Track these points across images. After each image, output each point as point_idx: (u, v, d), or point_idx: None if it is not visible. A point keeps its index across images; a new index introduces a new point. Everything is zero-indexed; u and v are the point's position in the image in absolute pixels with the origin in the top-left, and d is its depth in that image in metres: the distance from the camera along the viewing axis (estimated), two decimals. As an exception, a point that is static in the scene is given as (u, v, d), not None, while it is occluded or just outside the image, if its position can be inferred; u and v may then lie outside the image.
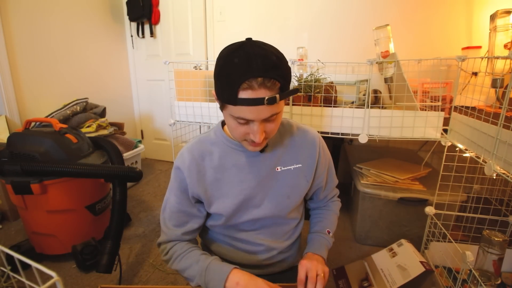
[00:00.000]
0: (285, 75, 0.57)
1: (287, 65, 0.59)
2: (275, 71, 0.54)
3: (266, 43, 0.60)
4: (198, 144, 0.73)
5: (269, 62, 0.54)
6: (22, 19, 1.83)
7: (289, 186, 0.73)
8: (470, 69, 1.01)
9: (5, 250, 0.53)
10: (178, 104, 1.50)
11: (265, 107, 0.56)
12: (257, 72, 0.53)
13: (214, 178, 0.70)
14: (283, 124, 0.77)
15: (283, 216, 0.75)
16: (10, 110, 1.79)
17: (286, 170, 0.73)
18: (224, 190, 0.71)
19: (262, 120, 0.59)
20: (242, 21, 2.21)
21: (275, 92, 0.56)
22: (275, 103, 0.55)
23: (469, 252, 0.81)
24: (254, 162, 0.71)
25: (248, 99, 0.54)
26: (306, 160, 0.75)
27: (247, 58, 0.54)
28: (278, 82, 0.55)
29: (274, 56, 0.56)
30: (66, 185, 1.28)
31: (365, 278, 1.18)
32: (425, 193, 1.35)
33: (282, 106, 0.61)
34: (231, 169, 0.71)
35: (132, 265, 1.36)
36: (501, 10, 1.11)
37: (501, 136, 0.79)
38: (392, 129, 1.19)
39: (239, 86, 0.54)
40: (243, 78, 0.53)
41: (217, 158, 0.71)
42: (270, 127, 0.62)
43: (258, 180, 0.71)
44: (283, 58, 0.58)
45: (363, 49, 1.91)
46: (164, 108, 2.70)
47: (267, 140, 0.66)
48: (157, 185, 2.29)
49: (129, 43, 2.67)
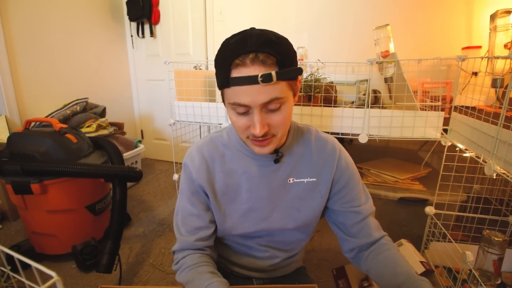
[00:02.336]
0: (285, 51, 0.50)
1: (290, 46, 0.52)
2: (271, 46, 0.48)
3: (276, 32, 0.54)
4: (209, 144, 0.67)
5: (265, 38, 0.49)
6: (22, 19, 1.83)
7: (300, 199, 0.67)
8: (470, 69, 1.01)
9: (5, 250, 0.53)
10: (178, 104, 1.50)
11: (260, 87, 0.49)
12: (250, 47, 0.48)
13: (223, 182, 0.66)
14: (302, 131, 0.69)
15: (291, 229, 0.69)
16: (10, 110, 1.79)
17: (298, 182, 0.66)
18: (231, 196, 0.66)
19: (262, 108, 0.52)
20: (242, 21, 2.21)
21: (271, 69, 0.49)
22: (271, 82, 0.48)
23: (469, 252, 0.81)
24: (266, 172, 0.65)
25: (241, 78, 0.49)
26: (321, 174, 0.66)
27: (243, 37, 0.50)
28: (274, 57, 0.49)
29: (272, 35, 0.50)
30: (66, 185, 1.28)
31: (365, 278, 1.18)
32: (425, 193, 1.35)
33: (285, 92, 0.52)
34: (241, 176, 0.66)
35: (132, 265, 1.36)
36: (501, 10, 1.11)
37: (501, 136, 0.79)
38: (392, 129, 1.19)
39: (231, 64, 0.49)
40: (236, 54, 0.49)
41: (228, 162, 0.66)
42: (274, 119, 0.54)
43: (268, 192, 0.66)
44: (285, 39, 0.52)
45: (363, 49, 1.91)
46: (164, 108, 2.70)
47: (274, 139, 0.57)
48: (157, 185, 2.29)
49: (129, 43, 2.67)
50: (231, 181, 0.66)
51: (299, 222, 0.68)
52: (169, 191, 2.19)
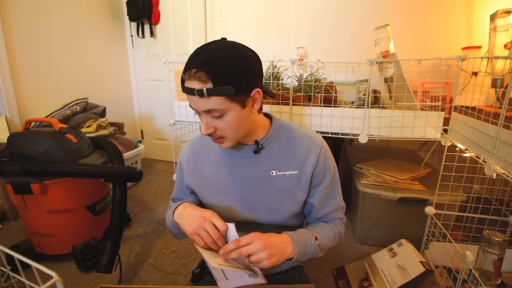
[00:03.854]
0: (221, 72, 0.56)
1: (234, 65, 0.57)
2: (211, 66, 0.56)
3: (237, 43, 0.61)
4: (199, 137, 0.79)
5: (210, 56, 0.56)
6: (22, 19, 1.83)
7: (283, 191, 0.71)
8: (470, 69, 1.01)
9: (5, 250, 0.53)
10: (178, 104, 1.50)
11: (198, 98, 0.58)
12: (195, 63, 0.57)
13: (209, 172, 0.74)
14: (284, 127, 0.74)
15: (281, 222, 0.74)
16: (10, 110, 1.79)
17: (281, 175, 0.71)
18: (217, 186, 0.74)
19: (207, 114, 0.61)
20: (242, 21, 2.21)
21: (206, 86, 0.57)
22: (203, 97, 0.57)
23: (469, 252, 0.81)
24: (248, 162, 0.72)
25: (186, 88, 0.59)
26: (303, 167, 0.71)
27: (198, 50, 0.59)
28: (208, 76, 0.55)
29: (219, 52, 0.57)
30: (66, 185, 1.28)
31: (365, 278, 1.18)
32: (425, 193, 1.35)
33: (223, 104, 0.59)
34: (225, 166, 0.73)
35: (132, 265, 1.36)
36: (501, 10, 1.11)
37: (501, 136, 0.79)
38: (392, 129, 1.19)
39: (183, 75, 0.59)
40: (186, 67, 0.58)
41: (214, 153, 0.75)
42: (218, 124, 0.62)
43: (251, 181, 0.72)
44: (232, 57, 0.57)
45: (363, 49, 1.91)
46: (164, 108, 2.70)
47: (225, 140, 0.66)
48: (157, 185, 2.29)
49: (129, 43, 2.67)
50: (217, 171, 0.74)
51: (285, 214, 0.73)
52: (169, 191, 2.18)
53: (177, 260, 1.40)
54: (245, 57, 0.59)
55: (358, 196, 1.46)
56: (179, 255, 1.44)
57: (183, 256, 1.43)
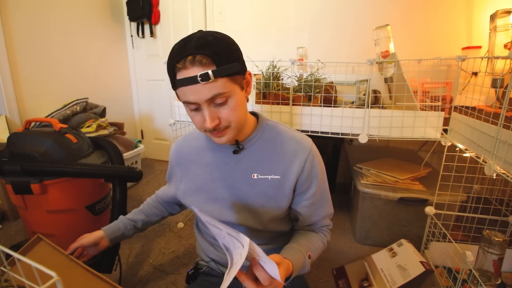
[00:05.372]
0: (221, 50, 0.54)
1: (229, 44, 0.57)
2: (207, 48, 0.53)
3: (220, 32, 0.58)
4: (183, 138, 0.80)
5: (203, 40, 0.54)
6: (22, 19, 1.83)
7: (265, 195, 0.68)
8: (470, 69, 1.01)
9: (5, 250, 0.53)
10: (178, 104, 1.50)
11: (201, 85, 0.53)
12: (189, 50, 0.53)
13: (192, 172, 0.75)
14: (270, 128, 0.71)
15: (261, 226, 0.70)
16: (10, 110, 1.79)
17: (262, 178, 0.67)
18: (199, 185, 0.74)
19: (210, 104, 0.56)
20: (242, 21, 2.21)
21: (209, 68, 0.53)
22: (209, 80, 0.53)
23: (469, 252, 0.81)
24: (229, 162, 0.70)
25: (183, 79, 0.54)
26: (286, 173, 0.67)
27: (185, 41, 0.55)
28: (210, 57, 0.53)
29: (211, 36, 0.54)
30: (66, 185, 1.28)
31: (365, 278, 1.18)
32: (425, 193, 1.35)
33: (227, 87, 0.56)
34: (208, 166, 0.73)
35: (132, 265, 1.36)
36: (501, 10, 1.11)
37: (501, 136, 0.79)
38: (392, 129, 1.19)
39: (174, 68, 0.55)
40: (177, 59, 0.54)
41: (196, 154, 0.75)
42: (223, 112, 0.58)
43: (231, 182, 0.70)
44: (224, 39, 0.56)
45: (363, 49, 1.91)
46: (164, 108, 2.70)
47: (228, 130, 0.61)
48: (157, 185, 2.29)
49: (129, 43, 2.67)
50: (199, 170, 0.74)
51: (266, 218, 0.69)
52: (169, 191, 2.18)
53: (177, 260, 1.40)
54: (231, 39, 0.59)
55: (358, 196, 1.46)
56: (179, 255, 1.44)
57: (183, 256, 1.43)
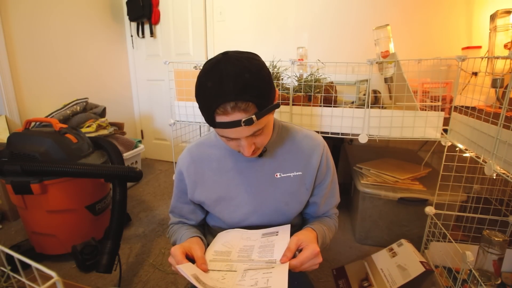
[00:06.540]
0: (261, 93, 0.54)
1: (265, 78, 0.55)
2: (248, 92, 0.52)
3: (244, 54, 0.56)
4: (198, 146, 0.75)
5: (240, 82, 0.52)
6: (22, 19, 1.83)
7: (288, 193, 0.71)
8: (470, 69, 1.01)
9: (5, 250, 0.53)
10: (178, 104, 1.50)
11: (244, 128, 0.54)
12: (229, 95, 0.51)
13: (212, 180, 0.72)
14: (287, 129, 0.75)
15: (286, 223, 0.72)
16: (10, 110, 1.79)
17: (285, 177, 0.71)
18: (221, 193, 0.72)
19: (249, 136, 0.58)
20: (242, 21, 2.21)
21: (251, 113, 0.53)
22: (253, 124, 0.54)
23: (469, 252, 0.81)
24: (252, 166, 0.71)
25: (225, 123, 0.54)
26: (307, 168, 0.72)
27: (220, 81, 0.52)
28: (253, 103, 0.53)
29: (247, 73, 0.52)
30: (66, 185, 1.28)
31: (365, 278, 1.18)
32: (425, 193, 1.35)
33: (266, 120, 0.58)
34: (229, 172, 0.71)
35: (132, 265, 1.36)
36: (501, 10, 1.11)
37: (501, 136, 0.79)
38: (392, 129, 1.19)
39: (214, 112, 0.54)
40: (216, 103, 0.53)
41: (216, 160, 0.72)
42: (259, 139, 0.61)
43: (256, 185, 0.71)
44: (259, 72, 0.55)
45: (363, 49, 1.91)
46: (164, 108, 2.70)
47: (260, 149, 0.66)
48: (157, 185, 2.29)
49: (129, 43, 2.67)
50: (219, 178, 0.72)
51: (289, 216, 0.73)
52: (169, 191, 2.19)
53: (177, 260, 1.40)
54: (263, 65, 0.57)
55: (358, 196, 1.46)
56: (179, 255, 1.44)
57: (183, 256, 1.43)
